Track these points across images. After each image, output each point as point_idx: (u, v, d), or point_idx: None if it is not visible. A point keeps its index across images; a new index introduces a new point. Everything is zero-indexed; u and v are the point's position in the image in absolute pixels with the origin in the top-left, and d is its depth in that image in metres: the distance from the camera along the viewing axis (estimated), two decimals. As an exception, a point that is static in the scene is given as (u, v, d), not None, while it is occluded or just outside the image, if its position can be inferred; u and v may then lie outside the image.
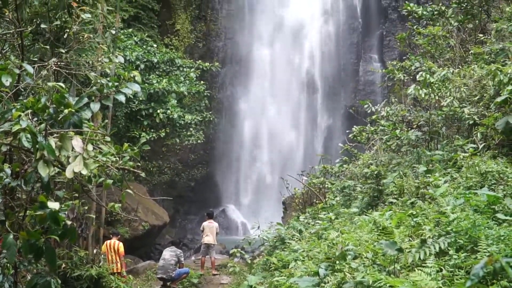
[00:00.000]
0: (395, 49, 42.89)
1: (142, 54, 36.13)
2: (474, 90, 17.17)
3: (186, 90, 36.40)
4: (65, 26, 13.30)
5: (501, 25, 18.74)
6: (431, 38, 22.34)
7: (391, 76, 23.14)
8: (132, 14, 39.82)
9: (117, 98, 8.82)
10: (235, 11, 46.91)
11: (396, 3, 44.70)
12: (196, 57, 43.06)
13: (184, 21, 44.45)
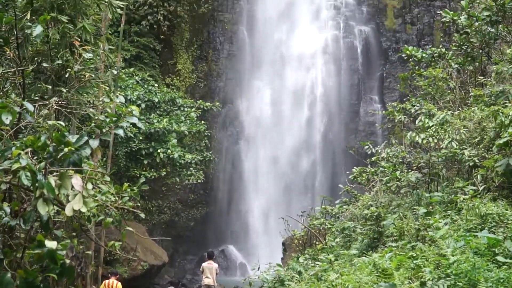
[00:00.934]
0: (396, 91, 43.07)
1: (143, 94, 36.29)
2: (474, 132, 17.19)
3: (186, 129, 36.49)
4: (66, 65, 13.35)
5: (502, 67, 18.82)
6: (431, 80, 22.42)
7: (391, 118, 23.18)
8: (134, 53, 40.09)
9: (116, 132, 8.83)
10: (237, 52, 47.17)
11: (396, 45, 45.01)
12: (197, 97, 43.24)
13: (186, 61, 44.72)
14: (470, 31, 22.26)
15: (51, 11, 13.27)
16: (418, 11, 45.71)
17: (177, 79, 43.73)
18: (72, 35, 12.95)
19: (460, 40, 22.80)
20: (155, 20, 41.79)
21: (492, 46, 22.68)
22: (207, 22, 46.90)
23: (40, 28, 10.59)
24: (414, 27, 45.67)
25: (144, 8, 41.72)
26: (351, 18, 47.29)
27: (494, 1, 20.68)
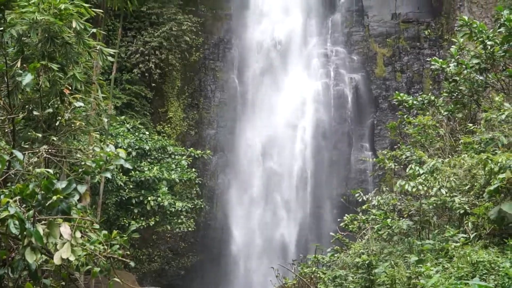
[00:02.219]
0: (386, 138, 43.22)
1: (134, 141, 36.29)
2: (465, 179, 17.22)
3: (177, 177, 36.43)
4: (57, 113, 13.37)
5: (491, 115, 18.93)
6: (421, 127, 22.53)
7: (382, 165, 23.23)
8: (125, 101, 40.19)
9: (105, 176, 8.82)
10: (228, 100, 47.32)
11: (386, 92, 45.28)
12: (188, 145, 43.24)
13: (177, 109, 44.83)
14: (459, 78, 22.45)
15: (41, 59, 13.32)
16: (408, 59, 46.12)
17: (168, 127, 43.79)
18: (63, 83, 12.99)
19: (450, 87, 22.97)
20: (147, 68, 41.99)
21: (481, 94, 22.85)
22: (198, 70, 47.14)
23: (31, 76, 10.62)
24: (404, 75, 46.02)
25: (135, 56, 41.96)
26: (342, 66, 47.59)
27: (483, 49, 20.89)
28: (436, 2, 46.51)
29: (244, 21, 48.55)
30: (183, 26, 43.30)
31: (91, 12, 16.08)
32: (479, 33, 20.82)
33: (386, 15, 47.31)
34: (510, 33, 19.87)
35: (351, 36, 48.04)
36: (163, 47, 42.55)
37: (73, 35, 14.84)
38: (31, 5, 14.97)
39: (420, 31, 46.48)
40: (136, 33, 43.22)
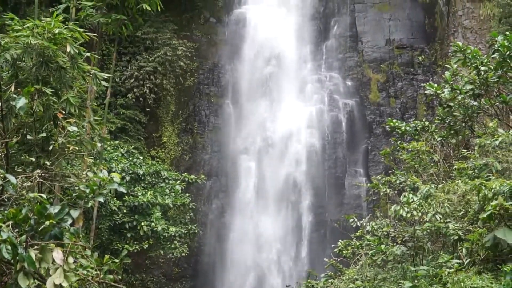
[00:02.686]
0: (380, 164, 43.25)
1: (128, 166, 36.23)
2: (459, 205, 17.21)
3: (171, 202, 36.34)
4: (50, 137, 13.35)
5: (485, 141, 18.97)
6: (415, 153, 22.56)
7: (376, 191, 23.21)
8: (119, 126, 40.16)
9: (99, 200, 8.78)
10: (222, 125, 47.34)
11: (380, 118, 45.38)
12: (182, 169, 43.18)
13: (171, 133, 44.82)
14: (453, 104, 22.50)
15: (35, 83, 13.33)
16: (402, 85, 46.30)
17: (162, 152, 43.75)
18: (56, 107, 12.99)
19: (443, 113, 23.03)
20: (141, 93, 42.00)
21: (475, 120, 22.91)
22: (192, 95, 47.21)
23: (24, 100, 10.62)
24: (398, 100, 46.18)
25: (130, 81, 41.98)
26: (336, 91, 47.72)
27: (477, 75, 20.97)
28: (430, 28, 46.78)
29: (239, 46, 48.72)
30: (178, 51, 43.40)
31: (86, 37, 16.13)
32: (473, 59, 20.91)
33: (380, 41, 47.56)
34: (504, 59, 19.96)
35: (345, 61, 48.24)
36: (158, 72, 42.61)
37: (67, 60, 14.86)
38: (25, 29, 15.01)
39: (414, 57, 46.74)
40: (131, 57, 43.30)
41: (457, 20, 43.56)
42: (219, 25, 49.04)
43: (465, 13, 43.15)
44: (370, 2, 48.27)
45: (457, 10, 43.69)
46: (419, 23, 47.40)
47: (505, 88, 21.36)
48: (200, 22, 48.28)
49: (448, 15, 44.89)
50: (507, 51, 19.74)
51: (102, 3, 22.60)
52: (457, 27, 43.47)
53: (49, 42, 14.78)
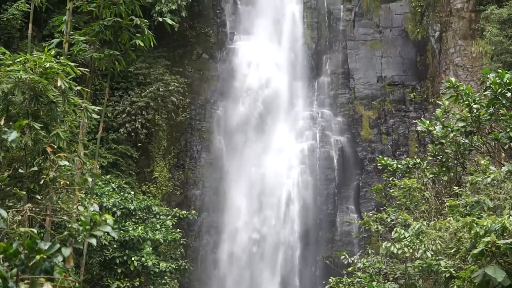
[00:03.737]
0: (372, 200, 43.21)
1: (119, 201, 36.14)
2: (450, 242, 17.18)
3: (162, 237, 36.21)
4: (41, 171, 13.30)
5: (476, 178, 18.99)
6: (406, 190, 22.55)
7: (368, 227, 23.17)
8: (111, 161, 40.13)
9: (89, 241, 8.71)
10: (214, 160, 47.33)
11: (372, 155, 45.45)
12: (173, 205, 43.07)
13: (163, 169, 44.77)
14: (445, 141, 22.54)
15: (26, 117, 13.32)
16: (394, 122, 46.46)
17: (153, 187, 43.64)
18: (46, 141, 12.96)
19: (435, 150, 23.06)
20: (133, 128, 42.06)
21: (467, 157, 22.94)
22: (184, 131, 47.25)
23: (16, 134, 10.60)
24: (389, 137, 46.30)
25: (122, 116, 42.05)
26: (328, 128, 47.83)
27: (469, 112, 21.03)
28: (421, 66, 47.08)
29: (231, 82, 48.90)
30: (170, 87, 43.57)
31: (77, 71, 16.16)
32: (465, 96, 20.99)
33: (372, 77, 47.80)
34: (496, 96, 20.03)
35: (337, 98, 48.41)
36: (150, 107, 42.71)
37: (58, 94, 14.87)
38: (16, 64, 15.04)
39: (405, 94, 46.96)
40: (123, 93, 43.41)
41: (449, 57, 43.89)
42: (212, 61, 49.25)
43: (457, 51, 43.49)
44: (362, 40, 48.62)
45: (449, 48, 44.03)
46: (410, 61, 47.70)
47: (497, 126, 21.43)
48: (192, 58, 48.49)
49: (440, 52, 45.22)
50: (499, 88, 19.81)
51: (95, 38, 22.70)
52: (448, 64, 43.78)
53: (40, 77, 14.80)
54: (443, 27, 45.20)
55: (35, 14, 23.64)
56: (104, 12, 22.10)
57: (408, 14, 48.08)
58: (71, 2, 23.22)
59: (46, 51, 15.74)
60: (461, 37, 43.71)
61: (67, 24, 22.35)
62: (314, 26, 49.73)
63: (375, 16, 48.70)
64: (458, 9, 44.25)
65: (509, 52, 36.79)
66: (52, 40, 24.23)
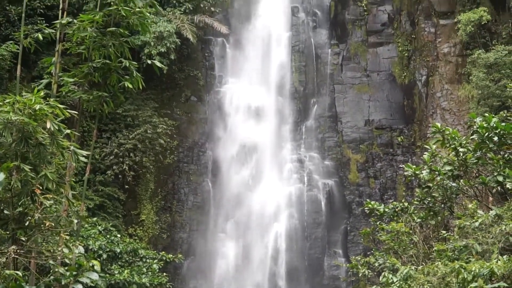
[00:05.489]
0: (360, 244, 43.07)
1: (105, 244, 35.84)
2: (438, 287, 17.08)
3: (148, 281, 35.84)
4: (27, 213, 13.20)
5: (464, 222, 18.98)
6: (394, 234, 22.49)
7: (356, 272, 23.06)
8: (97, 203, 39.91)
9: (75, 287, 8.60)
10: (201, 203, 47.17)
11: (360, 198, 45.41)
12: (160, 248, 42.76)
13: (150, 211, 44.55)
14: (432, 185, 22.56)
15: (14, 159, 13.25)
16: (381, 165, 46.55)
17: (140, 230, 43.35)
18: (34, 183, 12.88)
19: (422, 194, 23.06)
20: (120, 170, 41.93)
21: (455, 201, 22.95)
22: (172, 173, 47.17)
23: (3, 176, 10.53)
24: (377, 181, 46.34)
25: (110, 158, 41.95)
26: (315, 171, 47.84)
27: (456, 156, 21.10)
28: (409, 110, 47.36)
29: (219, 125, 49.02)
30: (158, 129, 43.59)
31: (66, 113, 16.14)
32: (451, 140, 21.07)
33: (359, 121, 48.00)
34: (483, 141, 20.13)
35: (324, 141, 48.53)
36: (138, 150, 42.65)
37: (47, 136, 14.84)
38: (5, 105, 15.00)
39: (393, 137, 47.12)
40: (111, 134, 43.35)
41: (435, 101, 44.20)
42: (200, 103, 49.39)
43: (443, 95, 43.83)
44: (349, 83, 48.93)
45: (436, 92, 44.38)
46: (398, 104, 47.98)
47: (484, 170, 21.49)
48: (181, 101, 48.60)
49: (427, 96, 45.54)
50: (486, 132, 19.92)
51: (84, 80, 22.69)
52: (435, 108, 44.07)
53: (30, 118, 14.77)
54: (430, 71, 45.61)
55: (24, 55, 23.64)
56: (93, 54, 22.12)
57: (395, 58, 48.50)
58: (60, 44, 23.25)
59: (35, 93, 15.72)
60: (448, 81, 44.10)
61: (56, 65, 22.35)
62: (301, 69, 50.05)
63: (362, 60, 49.11)
64: (445, 53, 44.71)
65: (496, 96, 37.12)
66: (41, 81, 24.20)
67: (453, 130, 21.61)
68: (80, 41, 23.41)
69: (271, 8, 51.76)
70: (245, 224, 46.82)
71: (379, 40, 49.25)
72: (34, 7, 39.90)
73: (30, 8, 39.29)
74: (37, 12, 40.02)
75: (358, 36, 49.75)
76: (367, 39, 49.42)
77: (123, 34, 21.98)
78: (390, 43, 48.93)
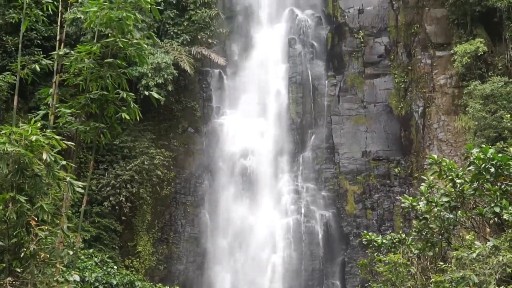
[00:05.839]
0: (357, 276, 42.92)
1: (102, 276, 35.64)
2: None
3: (145, 314, 35.67)
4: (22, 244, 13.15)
5: (462, 253, 18.90)
6: (392, 265, 22.40)
7: (353, 303, 22.93)
8: (94, 234, 39.77)
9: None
10: (198, 234, 47.01)
11: (357, 230, 45.31)
12: (157, 280, 42.54)
13: (146, 243, 44.38)
14: (429, 216, 22.49)
15: (10, 190, 13.23)
16: (378, 197, 46.49)
17: (136, 261, 43.17)
18: (30, 214, 12.86)
19: (420, 225, 22.99)
20: (117, 201, 41.83)
21: (452, 232, 22.85)
22: (169, 205, 47.06)
23: (-2, 207, 10.50)
24: (374, 212, 46.27)
25: (106, 189, 41.87)
26: (312, 203, 47.76)
27: (453, 187, 21.07)
28: (405, 141, 47.41)
29: (216, 156, 49.03)
30: (155, 160, 43.57)
31: (62, 145, 16.15)
32: (448, 171, 21.03)
33: (356, 152, 48.02)
34: (479, 172, 20.10)
35: (322, 173, 48.49)
36: (135, 181, 42.59)
37: (43, 167, 14.83)
38: (2, 136, 15.02)
39: (390, 169, 47.11)
40: (108, 166, 43.30)
41: (432, 132, 44.30)
42: (197, 135, 49.42)
43: (440, 126, 43.94)
44: (346, 114, 49.03)
45: (433, 123, 44.48)
46: (395, 136, 48.04)
47: (482, 201, 21.43)
48: (178, 132, 48.65)
49: (423, 128, 45.64)
50: (483, 163, 19.90)
51: (81, 111, 22.75)
52: (432, 139, 44.15)
53: (26, 149, 14.78)
54: (426, 103, 45.75)
55: (21, 86, 23.76)
56: (90, 85, 22.20)
57: (392, 89, 48.66)
58: (57, 75, 23.35)
59: (32, 124, 15.74)
60: (445, 112, 44.23)
61: (53, 96, 22.44)
62: (299, 101, 50.15)
63: (359, 92, 49.28)
64: (441, 85, 44.91)
65: (492, 127, 37.19)
66: (38, 112, 24.27)
67: (450, 161, 21.58)
68: (77, 72, 23.53)
69: (268, 39, 52.02)
70: (242, 256, 46.63)
71: (376, 71, 49.44)
72: (31, 37, 39.99)
73: (27, 39, 39.36)
74: (34, 43, 40.10)
75: (355, 68, 49.93)
76: (364, 71, 49.61)
77: (120, 65, 22.08)
78: (387, 75, 49.11)
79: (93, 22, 22.64)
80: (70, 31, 39.34)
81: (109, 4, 22.01)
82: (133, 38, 22.22)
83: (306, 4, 53.45)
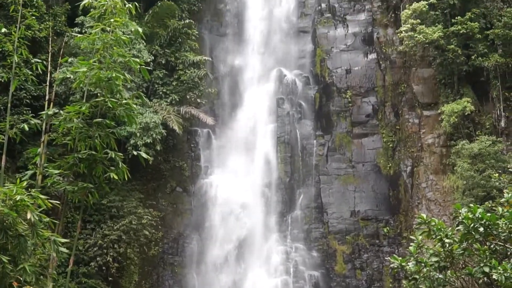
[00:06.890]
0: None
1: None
2: None
3: None
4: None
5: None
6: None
7: None
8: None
9: None
10: None
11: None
12: None
13: (134, 304, 43.90)
14: (418, 277, 22.32)
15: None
16: (368, 257, 46.27)
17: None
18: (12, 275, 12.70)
19: (409, 286, 22.81)
20: (104, 262, 41.38)
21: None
22: (156, 265, 46.66)
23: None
24: (363, 272, 45.99)
25: (94, 250, 41.45)
26: (301, 263, 47.50)
27: (442, 247, 20.99)
28: (394, 200, 47.39)
29: (204, 216, 48.86)
30: (143, 220, 43.28)
31: (48, 204, 16.04)
32: (437, 231, 20.94)
33: (345, 212, 47.95)
34: (468, 231, 20.03)
35: (310, 232, 48.33)
36: (122, 241, 42.22)
37: (27, 227, 14.71)
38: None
39: (379, 228, 46.99)
40: (96, 225, 42.94)
41: (421, 192, 44.34)
42: (185, 194, 49.31)
43: (428, 185, 43.99)
44: (335, 174, 49.07)
45: (421, 183, 44.54)
46: (383, 195, 48.03)
47: (471, 260, 21.33)
48: (166, 191, 48.53)
49: (412, 187, 45.68)
50: (472, 223, 19.84)
51: (69, 171, 22.65)
52: (421, 199, 44.16)
53: (11, 209, 14.66)
54: (414, 162, 45.90)
55: (9, 145, 23.68)
56: (79, 144, 22.17)
57: (380, 149, 48.84)
58: (46, 135, 23.33)
59: (18, 183, 15.66)
60: (433, 171, 44.34)
61: (41, 156, 22.38)
62: (287, 160, 50.23)
63: (347, 151, 49.42)
64: (429, 144, 45.12)
65: (481, 186, 37.24)
66: (26, 172, 24.14)
67: (438, 221, 21.52)
68: (66, 132, 23.53)
69: (257, 99, 52.35)
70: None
71: (364, 131, 49.69)
72: (20, 97, 40.01)
73: (16, 98, 39.34)
74: (23, 102, 40.11)
75: (343, 127, 50.16)
76: (352, 130, 49.84)
77: (109, 125, 22.09)
78: (375, 134, 49.35)
79: (82, 82, 22.72)
80: (59, 90, 39.47)
81: (98, 65, 22.15)
82: (122, 98, 22.28)
83: (294, 64, 53.95)
